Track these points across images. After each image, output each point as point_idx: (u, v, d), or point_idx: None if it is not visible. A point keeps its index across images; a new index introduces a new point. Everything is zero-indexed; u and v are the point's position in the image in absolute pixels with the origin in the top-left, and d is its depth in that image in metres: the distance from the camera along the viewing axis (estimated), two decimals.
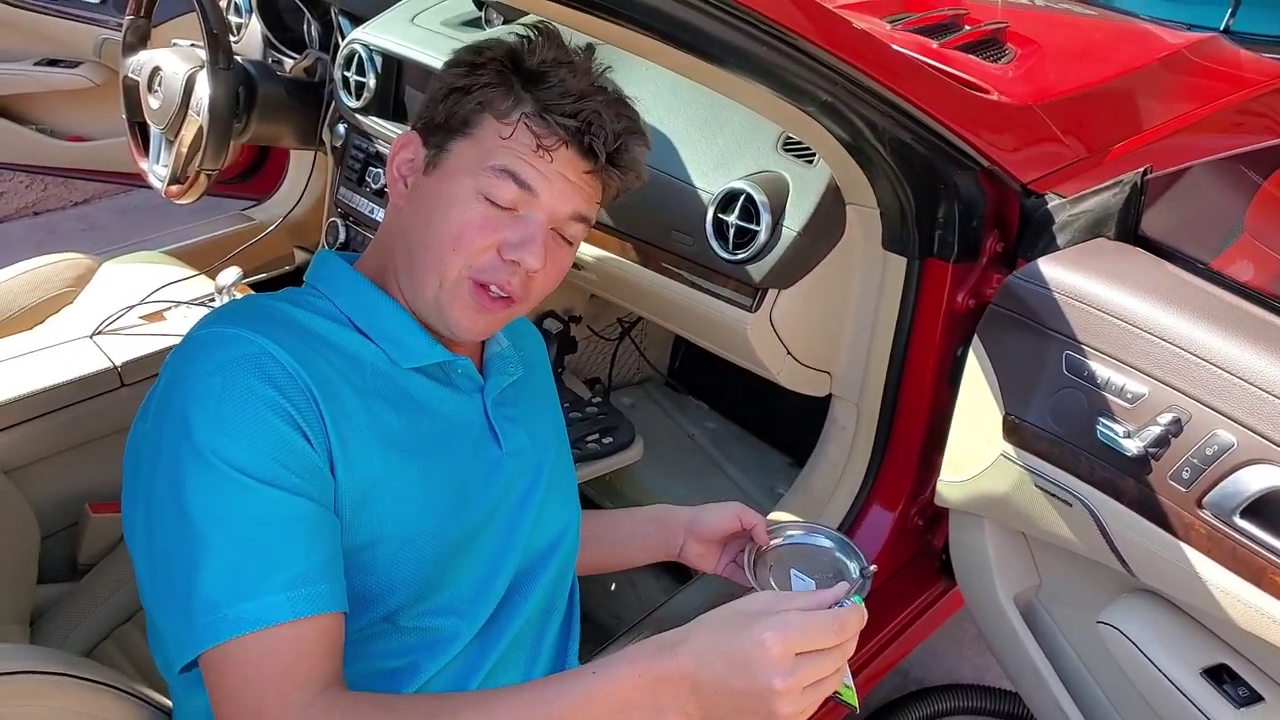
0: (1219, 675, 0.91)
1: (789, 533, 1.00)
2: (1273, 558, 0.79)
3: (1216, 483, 0.82)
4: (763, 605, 0.68)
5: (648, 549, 1.06)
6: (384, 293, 0.85)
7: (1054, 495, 0.96)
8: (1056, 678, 1.09)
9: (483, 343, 0.94)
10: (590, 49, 0.84)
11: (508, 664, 0.88)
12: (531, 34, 0.82)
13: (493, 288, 0.80)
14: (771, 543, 0.99)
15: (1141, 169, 0.99)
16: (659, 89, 1.37)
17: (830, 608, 0.68)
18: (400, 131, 1.61)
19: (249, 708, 0.67)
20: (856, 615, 0.68)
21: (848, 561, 0.99)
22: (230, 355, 0.73)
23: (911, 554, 1.41)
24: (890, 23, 1.56)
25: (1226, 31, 2.30)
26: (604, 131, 0.79)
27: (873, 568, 0.85)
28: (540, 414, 0.97)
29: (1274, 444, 0.79)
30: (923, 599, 1.41)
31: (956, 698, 1.62)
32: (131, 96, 1.66)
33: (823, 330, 1.29)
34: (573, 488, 1.00)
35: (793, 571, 0.96)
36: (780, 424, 1.74)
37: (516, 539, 0.88)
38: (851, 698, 0.70)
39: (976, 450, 1.05)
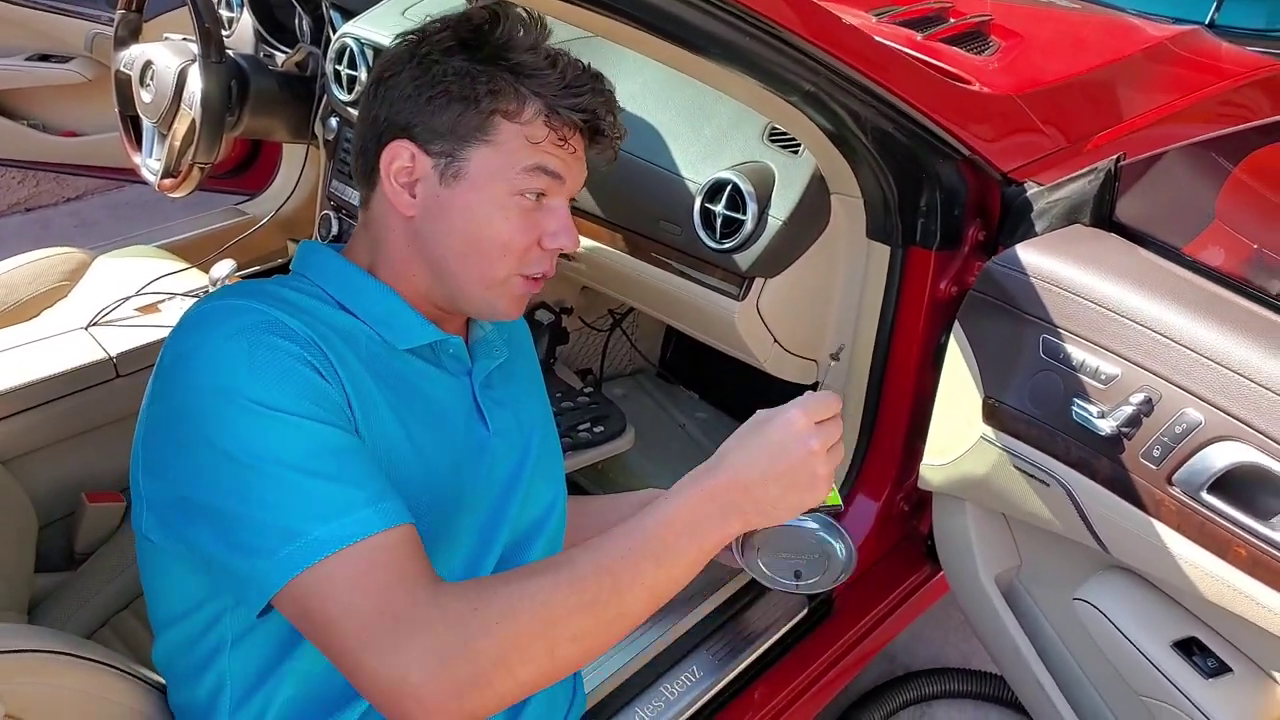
0: (1189, 647, 0.94)
1: None
2: (1238, 531, 0.82)
3: (1185, 460, 0.85)
4: (770, 411, 0.79)
5: None
6: (373, 277, 0.86)
7: (1032, 476, 0.99)
8: (1036, 656, 1.12)
9: (467, 327, 0.96)
10: (540, 19, 0.87)
11: None
12: (488, 15, 0.84)
13: (535, 274, 0.86)
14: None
15: (1115, 156, 1.01)
16: (646, 80, 1.39)
17: None
18: None
19: (376, 613, 0.68)
20: (838, 395, 0.82)
21: (834, 542, 1.02)
22: (247, 321, 0.74)
23: (897, 539, 1.44)
24: (876, 15, 1.58)
25: (1211, 25, 2.33)
26: (610, 115, 0.86)
27: (840, 347, 0.90)
28: (526, 396, 0.99)
29: (1240, 421, 0.82)
30: (908, 583, 1.44)
31: (942, 681, 1.65)
32: (124, 91, 1.67)
33: (809, 318, 1.31)
34: (559, 468, 1.02)
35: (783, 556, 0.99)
36: None
37: (504, 518, 0.90)
38: (835, 499, 0.81)
39: (958, 433, 1.07)
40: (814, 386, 1.39)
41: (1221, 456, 0.82)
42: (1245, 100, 1.65)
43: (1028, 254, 0.99)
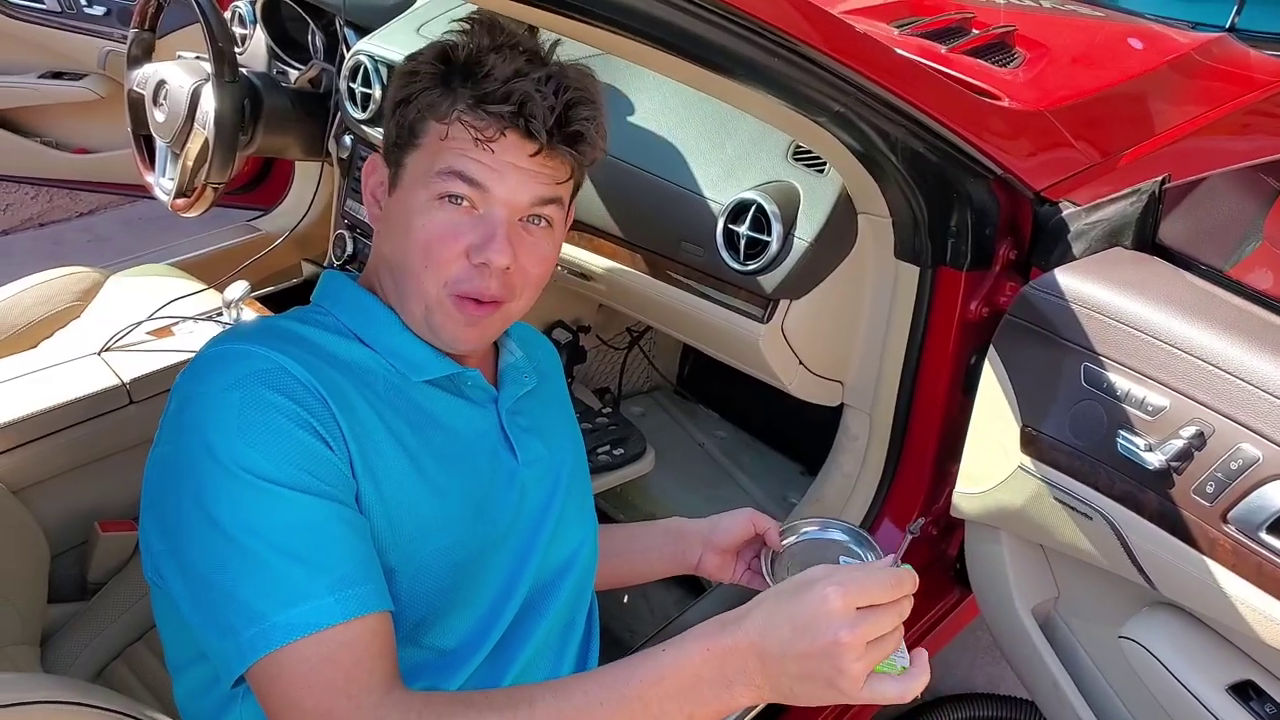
0: (1245, 691, 0.90)
1: (804, 530, 1.01)
2: None
3: (1242, 497, 0.81)
4: (821, 573, 0.69)
5: (664, 562, 1.05)
6: (385, 305, 0.84)
7: (1073, 508, 0.95)
8: (1076, 690, 1.08)
9: (496, 354, 0.93)
10: (532, 29, 0.81)
11: (526, 681, 0.87)
12: (465, 26, 0.80)
13: (466, 292, 0.79)
14: (785, 541, 0.99)
15: (1159, 178, 0.97)
16: (666, 98, 1.36)
17: None
18: None
19: (314, 714, 0.66)
20: (910, 575, 0.68)
21: (864, 554, 0.99)
22: (246, 370, 0.72)
23: (925, 563, 1.40)
24: (897, 27, 1.55)
25: (1232, 29, 2.29)
26: (539, 109, 0.75)
27: (919, 521, 0.79)
28: (556, 424, 0.96)
29: None
30: (938, 608, 1.40)
31: (971, 707, 1.61)
32: (137, 110, 1.66)
33: (835, 340, 1.28)
34: (589, 499, 1.00)
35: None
36: (791, 432, 1.73)
37: (533, 553, 0.88)
38: (891, 665, 0.68)
39: (993, 462, 1.03)
40: (839, 409, 1.36)
41: None
42: (1278, 109, 1.61)
43: (1068, 278, 0.96)
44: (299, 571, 0.68)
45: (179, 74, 1.57)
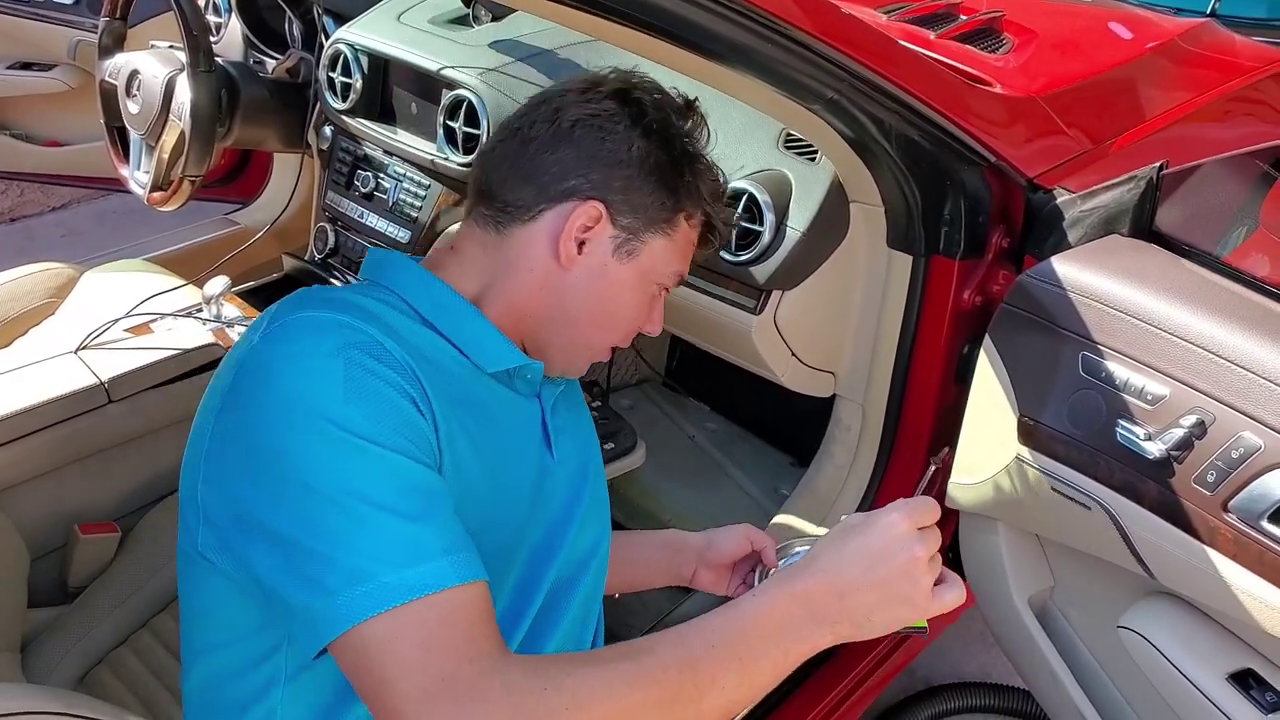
0: (1245, 680, 0.90)
1: (797, 550, 1.00)
2: None
3: (1243, 486, 0.81)
4: (861, 515, 0.74)
5: (659, 574, 1.05)
6: (460, 295, 0.83)
7: (1072, 499, 0.95)
8: (1074, 680, 1.08)
9: None
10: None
11: None
12: (683, 110, 0.87)
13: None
14: (780, 563, 0.99)
15: (1156, 164, 0.97)
16: None
17: None
18: (386, 132, 1.57)
19: (438, 677, 0.63)
20: (935, 501, 0.75)
21: None
22: (347, 339, 0.71)
23: None
24: (886, 13, 1.53)
25: (1213, 14, 2.30)
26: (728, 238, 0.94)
27: (944, 451, 0.90)
28: (581, 424, 0.97)
29: None
30: None
31: (964, 696, 1.61)
32: (109, 101, 1.62)
33: (827, 330, 1.27)
34: (606, 497, 0.99)
35: None
36: (781, 423, 1.72)
37: (558, 551, 0.87)
38: (922, 621, 0.75)
39: (990, 452, 1.03)
40: (831, 400, 1.35)
41: None
42: (1263, 95, 1.61)
43: (1064, 267, 0.95)
44: (413, 531, 0.66)
45: (152, 64, 1.53)
